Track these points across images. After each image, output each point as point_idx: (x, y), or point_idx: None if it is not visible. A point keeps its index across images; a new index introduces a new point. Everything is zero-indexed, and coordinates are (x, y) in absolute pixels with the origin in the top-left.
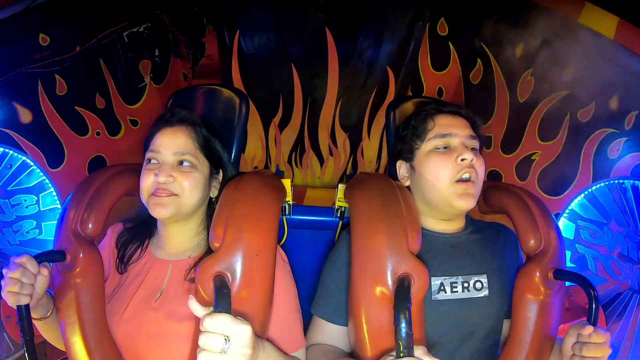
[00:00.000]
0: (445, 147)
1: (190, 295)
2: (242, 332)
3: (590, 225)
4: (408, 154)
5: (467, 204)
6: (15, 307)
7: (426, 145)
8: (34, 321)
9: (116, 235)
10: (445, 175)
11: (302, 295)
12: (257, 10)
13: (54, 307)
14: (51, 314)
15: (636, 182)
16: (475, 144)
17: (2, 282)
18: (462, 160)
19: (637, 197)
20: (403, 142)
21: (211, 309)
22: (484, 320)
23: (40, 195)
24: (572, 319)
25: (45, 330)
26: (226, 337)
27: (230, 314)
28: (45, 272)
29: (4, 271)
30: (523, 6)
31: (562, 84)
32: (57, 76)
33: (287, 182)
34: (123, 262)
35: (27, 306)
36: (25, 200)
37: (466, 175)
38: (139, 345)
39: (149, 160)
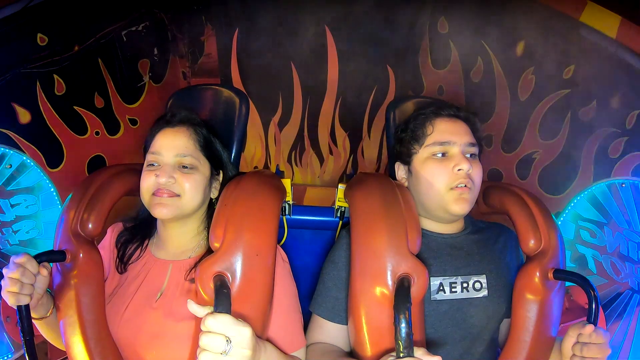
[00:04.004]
0: (443, 154)
1: (189, 300)
2: (242, 333)
3: (590, 225)
4: (406, 157)
5: (462, 208)
6: (15, 307)
7: (424, 151)
8: (34, 321)
9: (116, 235)
10: (441, 183)
11: (302, 294)
12: (256, 8)
13: (54, 306)
14: (51, 313)
15: (637, 182)
16: (474, 150)
17: (2, 282)
18: (459, 170)
19: (637, 197)
20: (401, 145)
21: (211, 308)
22: (483, 320)
23: (40, 195)
24: (572, 319)
25: (45, 329)
26: (227, 338)
27: (230, 314)
28: (45, 272)
29: (4, 271)
30: (524, 4)
31: (563, 83)
32: (55, 76)
33: (287, 182)
34: (123, 262)
35: (27, 306)
36: (25, 200)
37: (461, 184)
38: (139, 345)
39: (150, 161)
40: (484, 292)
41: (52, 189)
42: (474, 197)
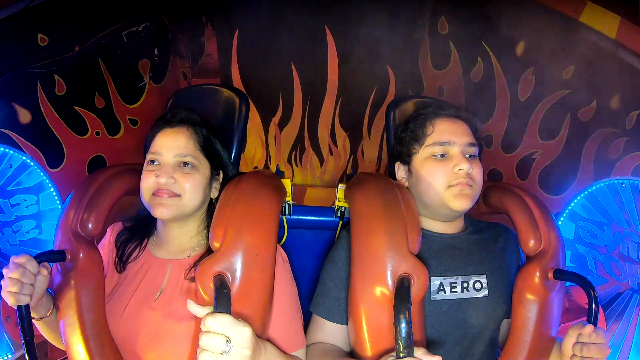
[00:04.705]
0: (442, 155)
1: (189, 300)
2: (242, 333)
3: (590, 225)
4: (406, 157)
5: (463, 204)
6: (15, 307)
7: (424, 151)
8: (34, 321)
9: (115, 234)
10: (440, 183)
11: (302, 294)
12: (257, 9)
13: (54, 306)
14: (51, 313)
15: (637, 182)
16: (474, 150)
17: (2, 282)
18: (459, 170)
19: (637, 197)
20: (401, 145)
21: (211, 308)
22: (483, 320)
23: (40, 195)
24: (572, 319)
25: (45, 329)
26: (227, 338)
27: (230, 314)
28: (45, 272)
29: (4, 271)
30: (524, 4)
31: (563, 83)
32: (56, 76)
33: (287, 182)
34: (122, 261)
35: (27, 306)
36: (25, 200)
37: (461, 182)
38: (139, 344)
39: (150, 161)
40: (484, 292)
41: (52, 189)
42: (474, 194)
